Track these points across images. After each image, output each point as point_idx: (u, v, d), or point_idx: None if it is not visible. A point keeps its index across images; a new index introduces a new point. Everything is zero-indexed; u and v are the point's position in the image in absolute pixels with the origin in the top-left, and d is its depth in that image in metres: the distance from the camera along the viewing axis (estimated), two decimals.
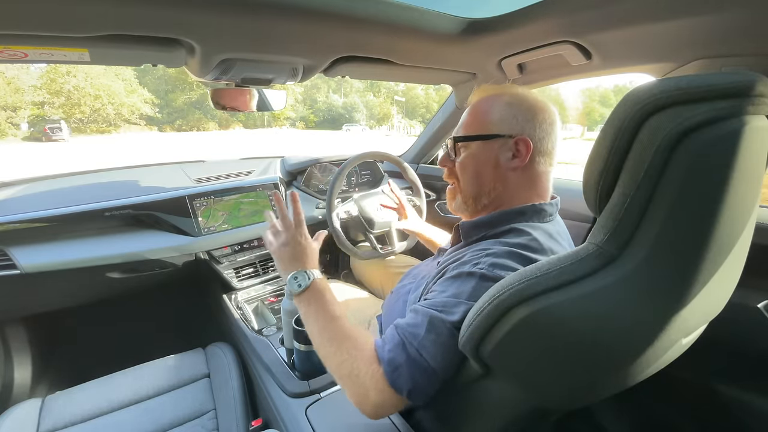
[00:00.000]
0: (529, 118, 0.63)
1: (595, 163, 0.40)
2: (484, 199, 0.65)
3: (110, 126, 24.98)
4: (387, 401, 0.52)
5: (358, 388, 0.53)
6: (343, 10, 0.69)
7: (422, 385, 0.51)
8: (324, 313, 0.61)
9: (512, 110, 0.63)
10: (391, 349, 0.53)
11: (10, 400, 1.11)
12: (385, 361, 0.52)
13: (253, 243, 1.25)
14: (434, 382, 0.52)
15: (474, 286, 0.53)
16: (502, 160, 0.63)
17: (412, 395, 0.51)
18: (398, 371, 0.51)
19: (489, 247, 0.58)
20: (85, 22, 0.61)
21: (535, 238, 0.58)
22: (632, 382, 0.46)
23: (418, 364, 0.51)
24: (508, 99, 0.65)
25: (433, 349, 0.51)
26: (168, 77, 30.38)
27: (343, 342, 0.57)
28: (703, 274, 0.38)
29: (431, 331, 0.52)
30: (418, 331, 0.53)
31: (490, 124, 0.64)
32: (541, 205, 0.62)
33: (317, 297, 0.62)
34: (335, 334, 0.58)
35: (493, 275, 0.53)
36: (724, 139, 0.34)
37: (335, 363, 0.56)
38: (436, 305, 0.54)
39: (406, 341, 0.53)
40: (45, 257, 0.94)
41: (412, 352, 0.51)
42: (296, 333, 0.76)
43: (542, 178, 0.65)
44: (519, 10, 0.78)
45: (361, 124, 37.92)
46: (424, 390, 0.51)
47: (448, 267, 0.60)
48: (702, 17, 0.61)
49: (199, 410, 0.87)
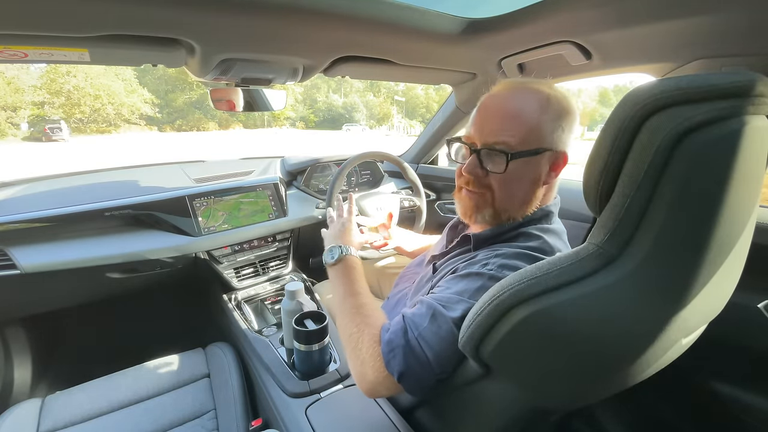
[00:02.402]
0: (572, 129, 0.59)
1: (595, 163, 0.40)
2: (517, 214, 0.61)
3: (110, 126, 24.97)
4: (381, 381, 0.55)
5: (360, 363, 0.57)
6: (343, 10, 0.69)
7: (415, 371, 0.53)
8: (347, 286, 0.67)
9: (560, 122, 0.58)
10: (393, 332, 0.56)
11: (10, 400, 1.11)
12: (384, 341, 0.55)
13: (253, 243, 1.25)
14: (427, 372, 0.53)
15: (479, 287, 0.54)
16: (542, 174, 0.59)
17: (403, 379, 0.53)
18: (394, 353, 0.53)
19: (499, 249, 0.59)
20: (85, 22, 0.61)
21: (545, 240, 0.59)
22: (632, 382, 0.46)
23: (414, 350, 0.53)
24: (554, 106, 0.57)
25: (432, 340, 0.53)
26: (168, 77, 30.36)
27: (356, 316, 0.62)
28: (703, 274, 0.38)
29: (433, 323, 0.54)
30: (420, 321, 0.55)
31: (540, 136, 0.57)
32: (548, 207, 0.63)
33: (345, 271, 0.69)
34: (352, 307, 0.63)
35: (501, 276, 0.53)
36: (725, 139, 0.34)
37: (346, 334, 0.61)
38: (440, 300, 0.56)
39: (408, 328, 0.55)
40: (45, 257, 0.94)
41: (411, 338, 0.53)
42: (296, 333, 0.76)
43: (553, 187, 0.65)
44: (519, 10, 0.78)
45: (361, 124, 37.89)
46: (416, 377, 0.53)
47: (458, 265, 0.62)
48: (702, 17, 0.61)
49: (199, 410, 0.87)
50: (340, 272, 0.70)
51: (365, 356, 0.56)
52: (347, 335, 0.61)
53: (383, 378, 0.54)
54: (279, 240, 1.30)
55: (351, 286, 0.67)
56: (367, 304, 0.64)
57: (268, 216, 1.25)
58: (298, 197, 1.40)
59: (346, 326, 0.61)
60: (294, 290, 0.82)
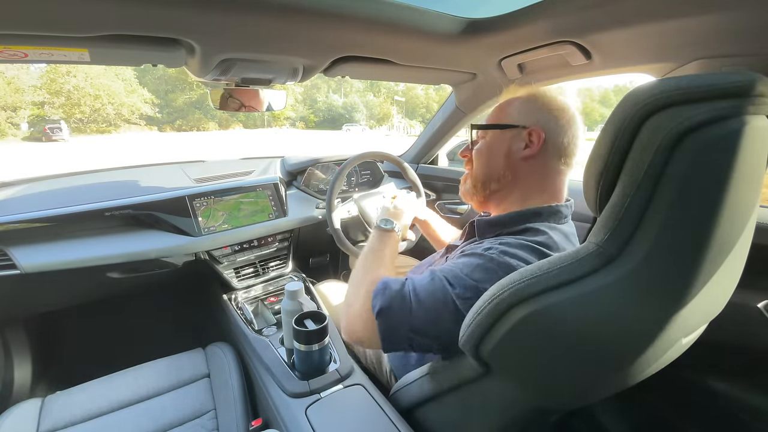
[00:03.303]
0: (544, 111, 0.64)
1: (595, 163, 0.40)
2: (492, 184, 0.68)
3: (110, 126, 24.97)
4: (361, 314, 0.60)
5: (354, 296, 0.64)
6: (343, 10, 0.69)
7: (394, 312, 0.56)
8: (376, 253, 0.74)
9: (529, 104, 0.66)
10: (392, 280, 0.61)
11: (10, 400, 1.11)
12: (381, 282, 0.61)
13: (253, 243, 1.25)
14: (404, 320, 0.55)
15: (478, 264, 0.56)
16: (513, 149, 0.65)
17: (380, 316, 0.56)
18: (384, 292, 0.58)
19: (504, 239, 0.60)
20: (86, 22, 0.61)
21: (551, 236, 0.59)
22: (632, 382, 0.46)
23: (403, 294, 0.57)
24: (528, 96, 0.67)
25: (423, 296, 0.56)
26: (168, 77, 30.36)
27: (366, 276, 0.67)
28: (703, 274, 0.38)
29: (430, 283, 0.57)
30: (421, 280, 0.59)
31: (508, 116, 0.67)
32: (557, 206, 0.64)
33: (383, 241, 0.77)
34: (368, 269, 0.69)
35: (501, 260, 0.54)
36: (724, 139, 0.34)
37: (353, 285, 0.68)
38: (444, 270, 0.59)
39: (408, 280, 0.60)
40: (45, 257, 0.94)
41: (406, 286, 0.58)
42: (296, 333, 0.76)
43: (553, 176, 0.65)
44: (519, 10, 0.78)
45: (361, 124, 37.89)
46: (392, 320, 0.56)
47: (465, 248, 0.64)
48: (702, 17, 0.61)
49: (199, 410, 0.87)
50: (378, 240, 0.77)
51: (362, 293, 0.63)
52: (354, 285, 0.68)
53: (365, 312, 0.59)
54: (279, 240, 1.30)
55: (379, 254, 0.74)
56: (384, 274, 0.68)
57: (268, 216, 1.25)
58: (298, 197, 1.40)
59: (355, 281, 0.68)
60: (294, 290, 0.82)
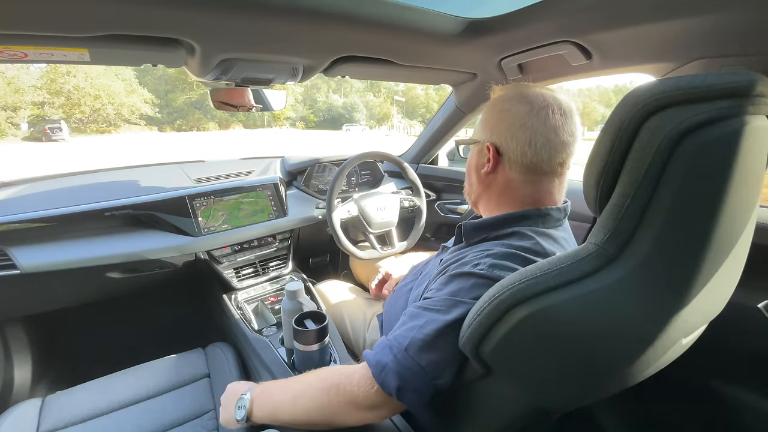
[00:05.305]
0: (497, 121, 0.62)
1: (595, 163, 0.40)
2: (473, 195, 0.70)
3: (110, 126, 24.99)
4: (381, 405, 0.53)
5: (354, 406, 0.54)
6: (343, 10, 0.69)
7: (411, 383, 0.51)
8: (281, 389, 0.61)
9: (486, 114, 0.66)
10: (379, 353, 0.54)
11: (10, 400, 1.11)
12: (373, 363, 0.54)
13: (253, 243, 1.25)
14: (424, 381, 0.51)
15: (472, 285, 0.53)
16: (478, 164, 0.66)
17: (402, 394, 0.51)
18: (385, 371, 0.52)
19: (490, 248, 0.58)
20: (85, 22, 0.61)
21: (537, 242, 0.57)
22: (632, 382, 0.46)
23: (405, 362, 0.51)
24: (488, 104, 0.66)
25: (422, 348, 0.52)
26: (168, 77, 30.38)
27: (322, 384, 0.57)
28: (703, 274, 0.38)
29: (421, 331, 0.53)
30: (407, 333, 0.54)
31: (479, 129, 0.67)
32: (546, 209, 0.60)
33: (267, 395, 0.61)
34: (308, 386, 0.58)
35: (492, 275, 0.52)
36: (724, 139, 0.34)
37: (324, 402, 0.55)
38: (431, 305, 0.55)
39: (394, 343, 0.54)
40: (45, 257, 0.94)
41: (399, 352, 0.52)
42: (296, 333, 0.76)
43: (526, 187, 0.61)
44: (519, 10, 0.78)
45: (361, 124, 37.91)
46: (414, 388, 0.51)
47: (449, 267, 0.60)
48: (702, 17, 0.61)
49: (199, 410, 0.87)
50: (265, 400, 0.61)
51: (357, 392, 0.53)
52: (326, 402, 0.55)
53: (383, 401, 0.53)
54: (279, 240, 1.30)
55: (283, 386, 0.62)
56: (317, 373, 0.60)
57: (268, 216, 1.25)
58: (298, 197, 1.40)
59: (317, 398, 0.56)
60: (294, 290, 0.82)
